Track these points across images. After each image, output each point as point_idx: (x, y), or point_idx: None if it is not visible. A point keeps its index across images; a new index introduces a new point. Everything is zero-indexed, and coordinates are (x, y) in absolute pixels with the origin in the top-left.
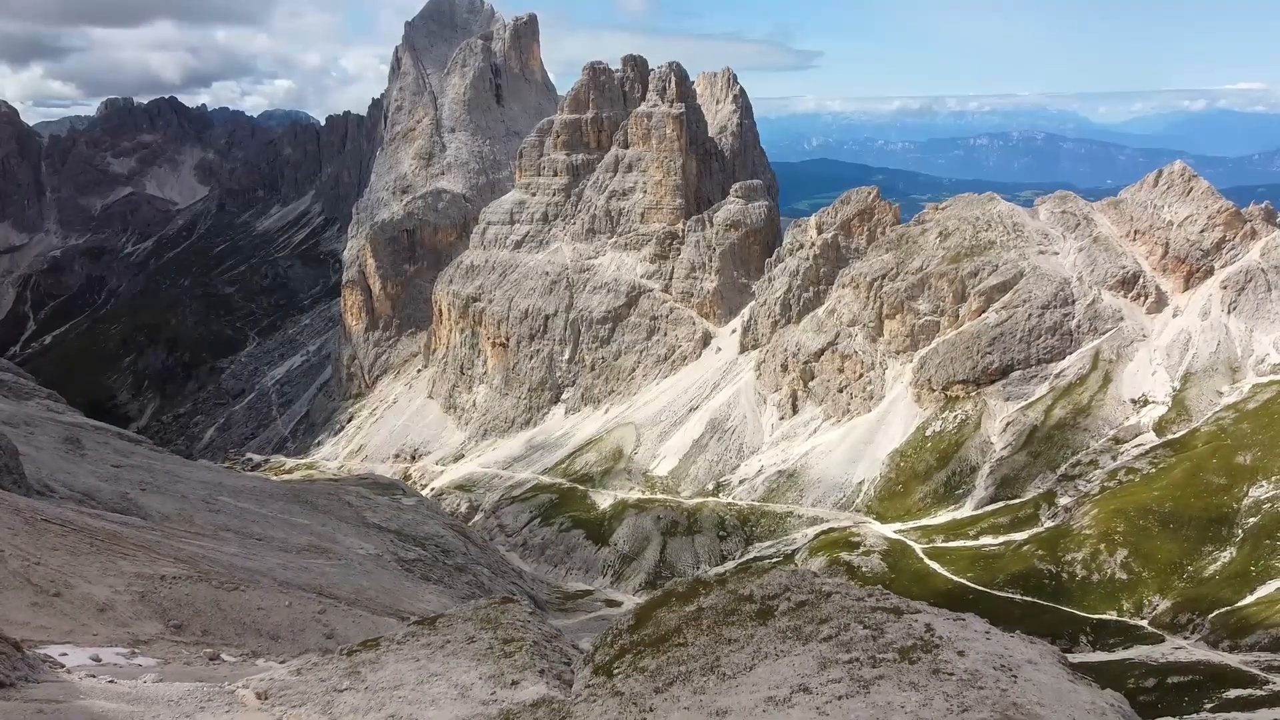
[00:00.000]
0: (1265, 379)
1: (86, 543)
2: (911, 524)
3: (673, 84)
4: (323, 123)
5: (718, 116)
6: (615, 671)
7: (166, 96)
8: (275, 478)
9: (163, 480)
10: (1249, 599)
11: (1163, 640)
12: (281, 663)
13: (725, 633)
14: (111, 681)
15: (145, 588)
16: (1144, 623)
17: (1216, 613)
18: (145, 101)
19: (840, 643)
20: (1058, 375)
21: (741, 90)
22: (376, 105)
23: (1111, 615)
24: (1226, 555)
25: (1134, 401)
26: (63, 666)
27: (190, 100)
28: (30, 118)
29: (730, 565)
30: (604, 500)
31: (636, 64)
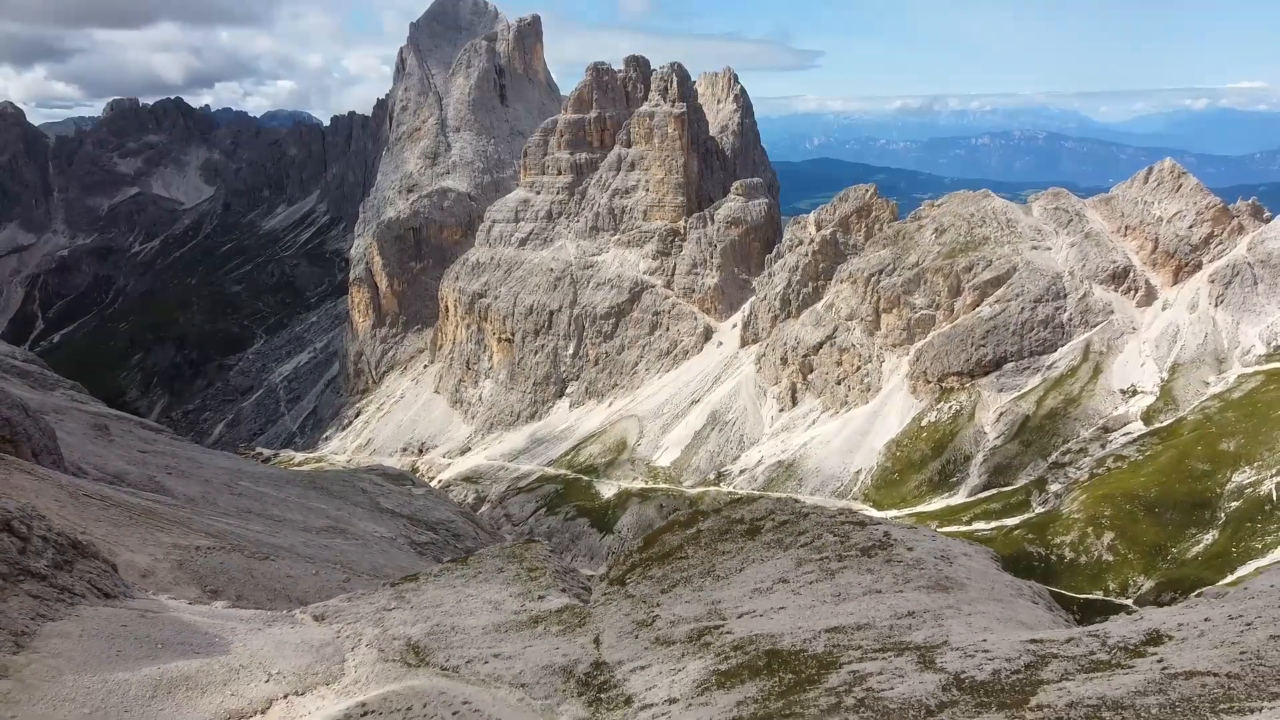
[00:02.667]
0: (1250, 369)
1: (125, 516)
2: (907, 511)
3: (674, 84)
4: (326, 123)
5: (719, 116)
6: (628, 581)
7: (172, 97)
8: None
9: (186, 466)
10: (1229, 578)
11: None
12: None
13: (720, 547)
14: (190, 603)
15: (182, 556)
16: (1129, 602)
17: (1198, 592)
18: (151, 102)
19: (814, 547)
20: (1049, 367)
21: (742, 90)
22: (381, 105)
23: (1098, 595)
24: (1209, 538)
25: (1123, 392)
26: (148, 591)
27: (193, 101)
28: (34, 119)
29: None
30: (608, 490)
31: (639, 64)
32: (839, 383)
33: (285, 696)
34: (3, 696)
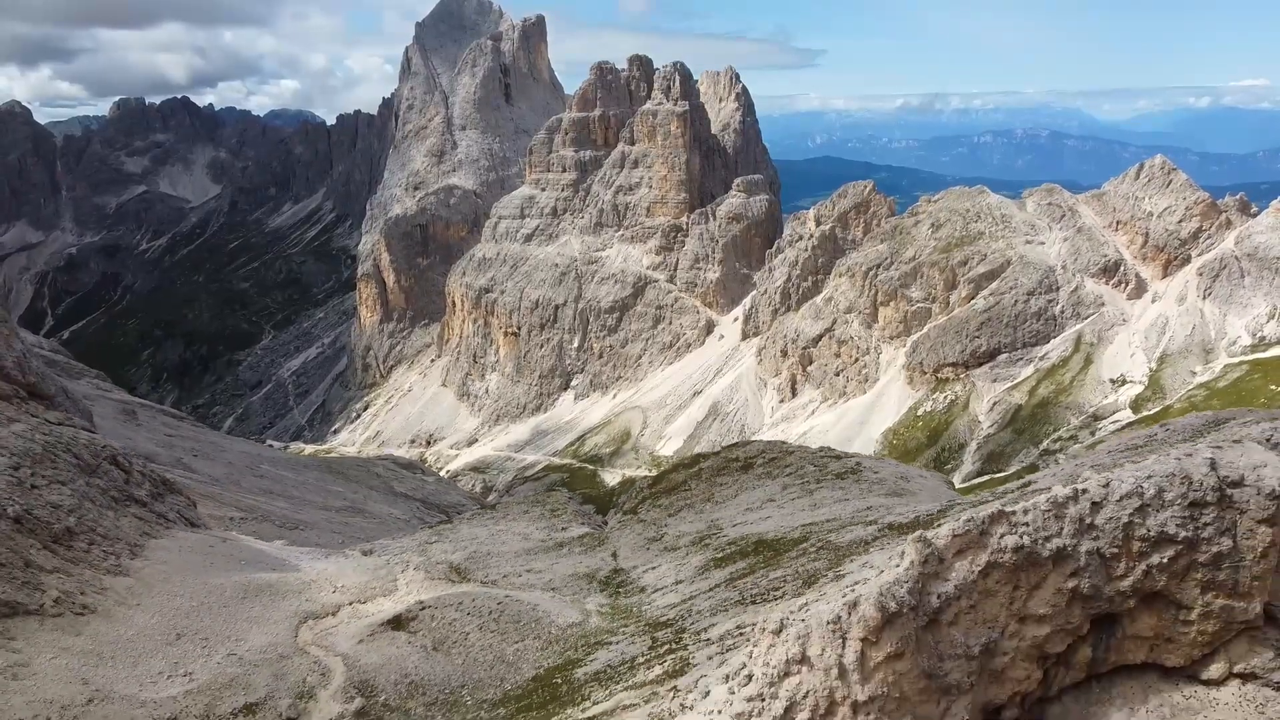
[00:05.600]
0: (1236, 359)
1: None
2: None
3: (677, 83)
4: (329, 122)
5: (720, 114)
6: (639, 510)
7: (179, 96)
8: None
9: (210, 449)
10: None
11: None
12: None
13: (718, 480)
14: (255, 538)
15: (219, 525)
16: None
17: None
18: (157, 102)
19: (797, 475)
20: (1042, 358)
21: (744, 88)
22: (387, 104)
23: None
24: None
25: (1113, 381)
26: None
27: (197, 100)
28: (39, 118)
29: None
30: (612, 478)
31: (642, 63)
32: (837, 374)
33: (350, 604)
34: (129, 590)
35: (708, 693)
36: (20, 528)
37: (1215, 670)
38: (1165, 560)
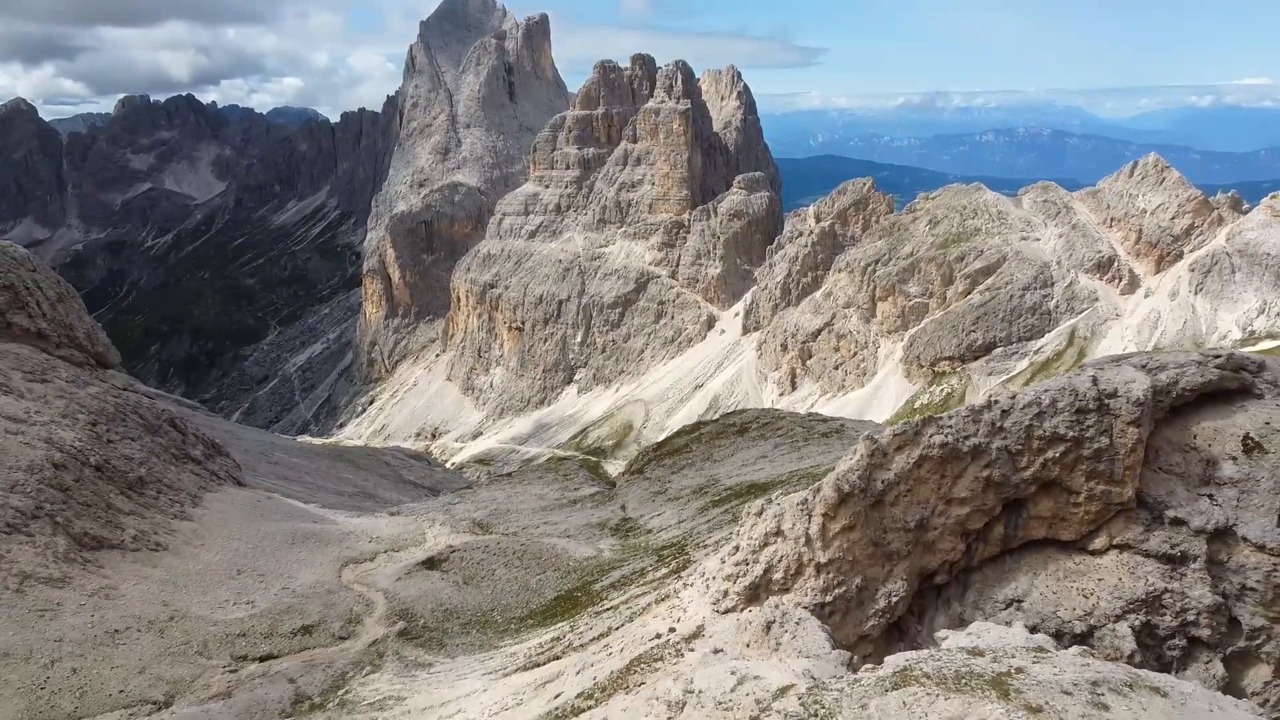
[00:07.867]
0: None
1: None
2: None
3: (679, 81)
4: (332, 120)
5: (722, 112)
6: (645, 470)
7: (184, 94)
8: None
9: (225, 437)
10: None
11: None
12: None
13: (717, 443)
14: (288, 498)
15: None
16: None
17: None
18: (162, 99)
19: (788, 435)
20: (1036, 351)
21: (745, 87)
22: (391, 102)
23: None
24: None
25: None
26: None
27: (199, 97)
28: (42, 115)
29: None
30: (614, 470)
31: (644, 62)
32: (836, 368)
33: (386, 551)
34: (194, 532)
35: (704, 572)
36: (101, 475)
37: (1098, 543)
38: (1058, 455)
